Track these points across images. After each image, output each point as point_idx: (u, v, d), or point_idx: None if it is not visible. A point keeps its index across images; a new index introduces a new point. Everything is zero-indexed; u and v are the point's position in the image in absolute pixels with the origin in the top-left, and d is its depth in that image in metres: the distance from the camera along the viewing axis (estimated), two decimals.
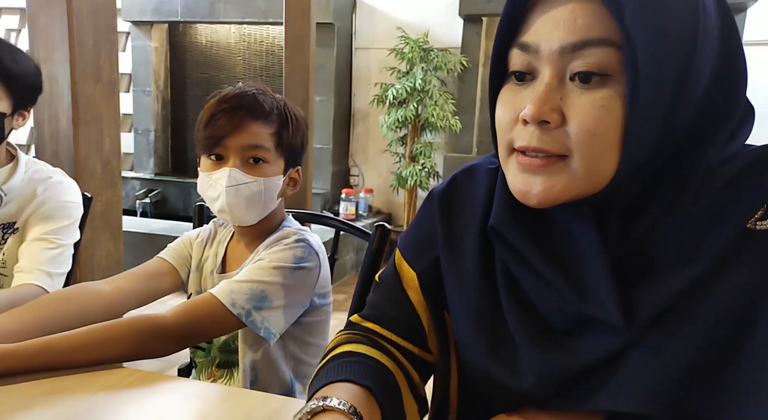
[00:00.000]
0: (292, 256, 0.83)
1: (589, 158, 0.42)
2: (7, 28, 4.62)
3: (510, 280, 0.50)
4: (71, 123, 1.57)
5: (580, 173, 0.42)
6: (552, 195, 0.44)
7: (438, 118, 3.45)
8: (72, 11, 1.53)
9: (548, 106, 0.42)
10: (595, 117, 0.41)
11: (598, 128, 0.41)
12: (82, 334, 0.69)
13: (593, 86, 0.41)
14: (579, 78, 0.41)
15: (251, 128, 0.83)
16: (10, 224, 1.01)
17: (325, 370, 0.53)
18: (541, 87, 0.42)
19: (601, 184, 0.43)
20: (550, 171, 0.43)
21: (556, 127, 0.42)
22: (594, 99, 0.41)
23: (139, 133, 4.35)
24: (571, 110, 0.41)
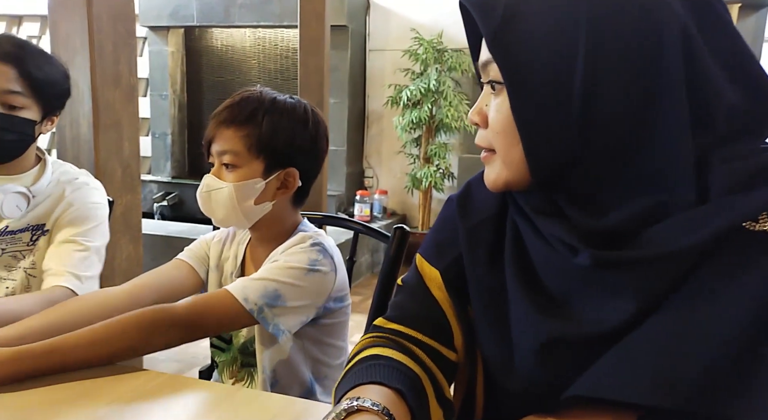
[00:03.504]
0: (307, 259, 0.83)
1: (502, 150, 0.52)
2: (29, 34, 4.72)
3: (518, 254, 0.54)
4: (92, 127, 1.60)
5: (502, 163, 0.52)
6: (490, 180, 0.54)
7: (452, 119, 3.44)
8: (92, 17, 1.55)
9: (475, 112, 0.54)
10: (494, 118, 0.52)
11: (498, 127, 0.51)
12: (90, 330, 0.69)
13: (497, 93, 0.51)
14: (491, 87, 0.52)
15: (224, 134, 0.85)
16: (40, 226, 1.03)
17: (353, 372, 0.54)
18: (480, 96, 0.54)
19: (525, 172, 0.51)
20: (488, 161, 0.54)
21: (485, 128, 0.53)
22: (495, 103, 0.52)
23: (156, 136, 4.40)
24: (489, 114, 0.52)
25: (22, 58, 0.94)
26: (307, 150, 0.89)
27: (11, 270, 1.02)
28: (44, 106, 0.99)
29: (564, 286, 0.50)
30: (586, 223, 0.48)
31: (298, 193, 0.91)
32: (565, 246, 0.48)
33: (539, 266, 0.52)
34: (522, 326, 0.52)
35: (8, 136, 0.95)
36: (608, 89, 0.46)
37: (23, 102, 0.95)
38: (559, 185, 0.50)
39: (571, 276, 0.49)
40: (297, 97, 0.90)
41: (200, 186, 0.88)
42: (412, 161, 3.79)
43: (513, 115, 0.49)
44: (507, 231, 0.56)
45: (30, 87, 0.95)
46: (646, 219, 0.46)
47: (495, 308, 0.55)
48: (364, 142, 4.19)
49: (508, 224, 0.56)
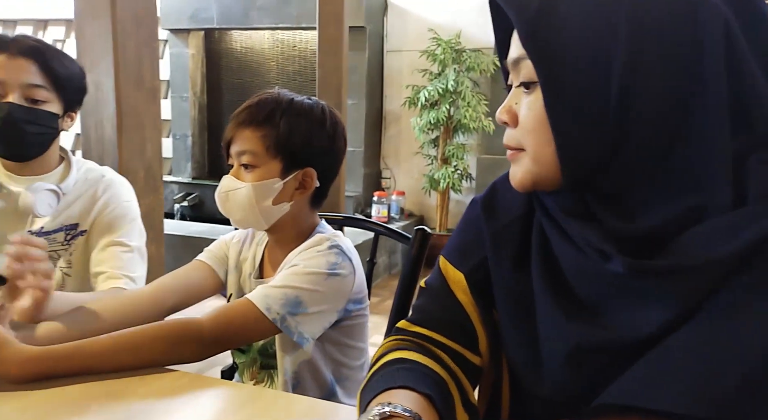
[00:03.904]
0: (326, 263, 0.83)
1: (533, 149, 0.50)
2: (54, 38, 4.83)
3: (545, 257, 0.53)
4: (115, 129, 1.63)
5: (532, 162, 0.51)
6: (517, 180, 0.53)
7: (470, 120, 3.42)
8: (116, 20, 1.58)
9: (504, 110, 0.53)
10: (525, 116, 0.50)
11: (529, 125, 0.50)
12: (115, 337, 0.70)
13: (530, 92, 0.50)
14: (523, 85, 0.51)
15: (242, 134, 0.86)
16: (74, 225, 1.05)
17: (379, 375, 0.53)
18: (509, 95, 0.53)
19: (556, 171, 0.49)
20: (514, 161, 0.53)
21: (514, 127, 0.52)
22: (527, 102, 0.50)
23: (177, 138, 4.46)
24: (519, 112, 0.51)
25: (43, 52, 0.96)
26: (325, 150, 0.89)
27: None
28: (65, 101, 1.00)
29: (594, 291, 0.49)
30: (617, 227, 0.47)
31: (316, 193, 0.91)
32: (596, 251, 0.47)
33: (567, 270, 0.51)
34: (550, 331, 0.51)
35: (33, 129, 0.96)
36: (647, 87, 0.45)
37: (46, 96, 0.96)
38: (590, 186, 0.49)
39: (603, 282, 0.48)
40: (315, 98, 0.91)
41: (219, 187, 0.88)
42: (430, 162, 3.78)
43: (546, 112, 0.48)
44: (533, 234, 0.55)
45: (52, 81, 0.97)
46: (681, 223, 0.45)
47: (521, 312, 0.54)
48: (382, 143, 4.19)
49: (535, 227, 0.55)
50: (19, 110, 0.94)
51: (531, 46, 0.47)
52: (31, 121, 0.95)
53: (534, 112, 0.49)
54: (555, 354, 0.50)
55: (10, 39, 0.95)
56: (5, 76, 0.93)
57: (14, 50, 0.94)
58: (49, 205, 0.98)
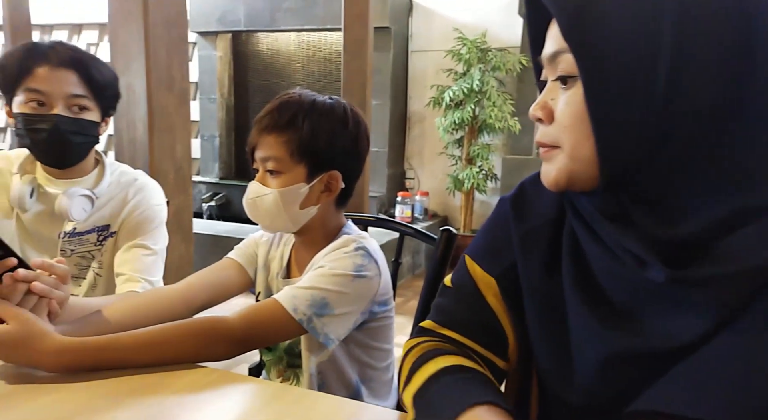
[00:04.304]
0: (352, 264, 0.83)
1: (570, 146, 0.49)
2: (88, 42, 4.97)
3: (577, 262, 0.51)
4: (147, 130, 1.67)
5: (568, 159, 0.49)
6: (551, 178, 0.51)
7: (496, 120, 3.39)
8: (148, 24, 1.62)
9: (538, 106, 0.51)
10: (563, 112, 0.49)
11: (567, 121, 0.48)
12: (148, 332, 0.71)
13: (568, 87, 0.48)
14: (560, 81, 0.49)
15: (266, 140, 0.86)
16: (105, 227, 1.08)
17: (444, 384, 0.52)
18: (544, 91, 0.51)
19: (593, 170, 0.48)
20: (548, 158, 0.51)
21: (549, 123, 0.50)
22: (564, 97, 0.49)
23: (204, 139, 4.55)
24: (555, 108, 0.50)
25: (83, 62, 0.98)
26: (349, 150, 0.89)
27: (82, 269, 1.08)
28: (103, 107, 1.03)
29: (629, 298, 0.48)
30: (656, 231, 0.45)
31: (341, 194, 0.91)
32: (633, 257, 0.46)
33: (600, 276, 0.49)
34: (583, 338, 0.50)
35: (78, 139, 1.00)
36: (694, 80, 0.43)
37: (87, 104, 0.99)
38: (628, 186, 0.47)
39: (639, 288, 0.47)
40: (336, 98, 0.90)
41: (246, 193, 0.89)
42: (454, 162, 3.76)
43: (587, 108, 0.46)
44: (564, 236, 0.54)
45: (92, 90, 1.00)
46: (726, 226, 0.43)
47: (552, 318, 0.53)
48: (406, 143, 4.19)
49: (566, 229, 0.54)
50: (66, 122, 0.97)
51: (572, 39, 0.46)
52: (77, 131, 0.99)
53: (573, 107, 0.48)
54: (587, 361, 0.49)
55: (49, 49, 0.97)
56: (49, 88, 0.95)
57: (55, 61, 0.96)
58: (83, 209, 1.01)
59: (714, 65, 0.43)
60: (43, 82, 0.95)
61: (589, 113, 0.46)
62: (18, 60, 0.96)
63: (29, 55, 0.96)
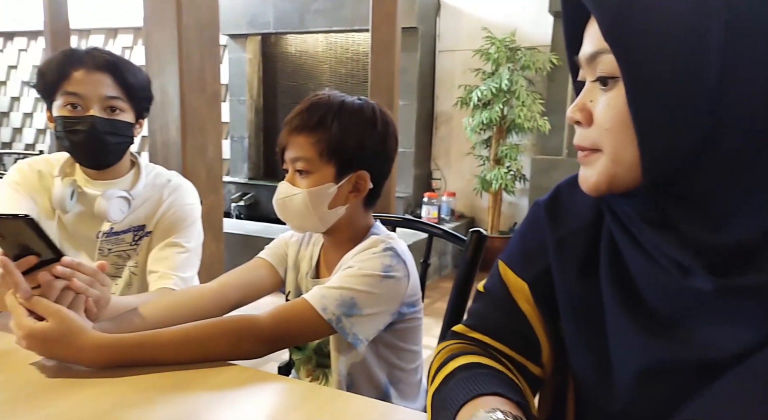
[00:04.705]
0: (381, 265, 0.83)
1: (612, 150, 0.47)
2: (123, 46, 5.13)
3: (616, 268, 0.50)
4: (180, 132, 1.71)
5: (610, 163, 0.48)
6: (591, 182, 0.49)
7: (525, 119, 3.34)
8: (182, 28, 1.65)
9: (577, 109, 0.50)
10: (604, 114, 0.47)
11: (608, 123, 0.47)
12: (182, 330, 0.72)
13: (609, 88, 0.47)
14: (600, 82, 0.48)
15: (296, 141, 0.86)
16: (141, 227, 1.11)
17: (458, 380, 0.52)
18: (581, 93, 0.50)
19: (636, 173, 0.46)
20: (587, 162, 0.50)
21: (588, 126, 0.49)
22: (605, 99, 0.47)
23: (234, 140, 4.63)
24: (594, 110, 0.48)
25: (116, 65, 1.02)
26: (377, 151, 0.89)
27: (118, 268, 1.11)
28: (136, 109, 1.07)
29: (671, 306, 0.46)
30: (700, 237, 0.44)
31: (369, 194, 0.91)
32: (676, 264, 0.44)
33: (642, 283, 0.48)
34: (622, 346, 0.48)
35: (113, 139, 1.03)
36: (745, 81, 0.41)
37: (122, 106, 1.03)
38: (671, 189, 0.46)
39: (683, 297, 0.45)
40: (365, 98, 0.90)
41: (276, 193, 0.90)
42: (482, 163, 3.72)
43: (630, 110, 0.44)
44: (602, 242, 0.52)
45: (125, 92, 1.03)
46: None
47: (588, 325, 0.52)
48: (432, 143, 4.17)
49: (604, 235, 0.52)
50: (101, 122, 1.00)
51: (614, 39, 0.44)
52: (112, 131, 1.02)
53: (614, 109, 0.46)
54: (627, 370, 0.47)
55: (85, 54, 1.01)
56: (85, 91, 0.99)
57: (91, 65, 1.00)
58: (120, 210, 1.05)
59: (766, 65, 0.41)
60: (79, 85, 0.99)
61: (632, 116, 0.44)
62: (56, 65, 1.00)
63: (67, 60, 1.00)
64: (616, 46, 0.44)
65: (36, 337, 0.66)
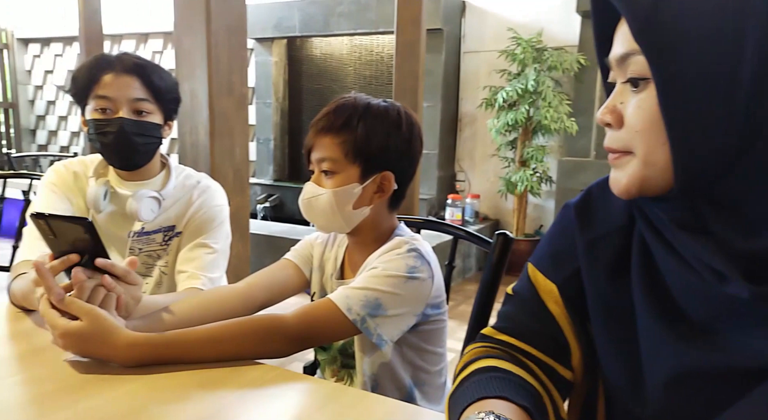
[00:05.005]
0: (405, 266, 0.83)
1: (643, 152, 0.46)
2: (154, 50, 5.26)
3: (648, 272, 0.49)
4: (208, 134, 1.74)
5: (642, 165, 0.47)
6: (622, 185, 0.49)
7: (552, 121, 3.30)
8: (211, 32, 1.69)
9: (607, 111, 0.49)
10: (634, 116, 0.46)
11: (639, 125, 0.46)
12: (211, 329, 0.74)
13: (640, 90, 0.46)
14: (630, 83, 0.47)
15: (322, 142, 0.87)
16: (171, 227, 1.13)
17: (471, 382, 0.52)
18: (612, 94, 0.50)
19: (668, 177, 0.45)
20: (618, 165, 0.49)
21: (619, 128, 0.48)
22: (636, 100, 0.47)
23: (260, 142, 4.69)
24: (626, 112, 0.48)
25: (144, 68, 1.05)
26: (402, 152, 0.90)
27: (148, 268, 1.14)
28: (164, 111, 1.09)
29: (707, 312, 0.45)
30: (736, 242, 0.42)
31: (394, 196, 0.91)
32: (711, 271, 0.43)
33: (675, 289, 0.47)
34: (654, 352, 0.47)
35: (141, 140, 1.05)
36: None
37: (149, 108, 1.05)
38: (706, 193, 0.45)
39: (717, 303, 0.44)
40: (390, 101, 0.91)
41: (302, 193, 0.91)
42: (507, 165, 3.69)
43: (661, 111, 0.44)
44: (633, 246, 0.51)
45: (153, 94, 1.06)
46: None
47: (619, 329, 0.51)
48: (456, 145, 4.15)
49: (636, 239, 0.51)
50: (130, 124, 1.03)
51: (644, 40, 0.44)
52: (140, 132, 1.05)
53: (645, 111, 0.45)
54: (660, 376, 0.46)
55: (114, 58, 1.05)
56: (114, 93, 1.02)
57: (120, 69, 1.03)
58: (151, 210, 1.07)
59: None
60: (108, 88, 1.02)
61: (664, 117, 0.44)
62: (87, 70, 1.04)
63: (97, 65, 1.04)
64: (647, 47, 0.44)
65: (71, 336, 0.68)
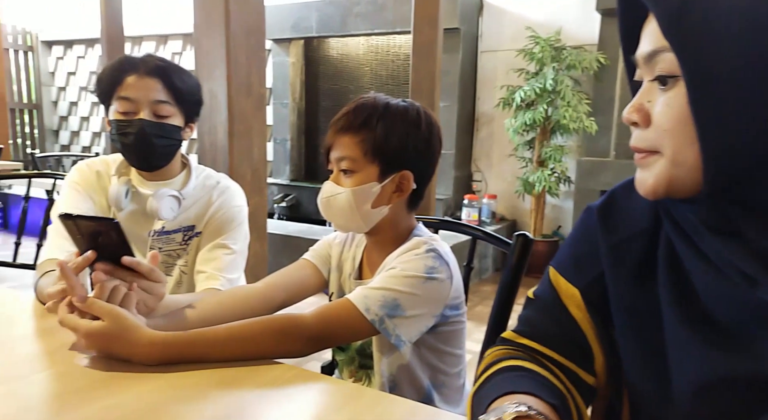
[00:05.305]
0: (424, 266, 0.83)
1: (672, 151, 0.45)
2: (173, 51, 5.33)
3: (675, 276, 0.48)
4: (227, 134, 1.75)
5: (670, 165, 0.46)
6: (648, 186, 0.47)
7: (570, 120, 3.26)
8: (230, 33, 1.70)
9: (633, 109, 0.48)
10: (663, 114, 0.46)
11: (667, 124, 0.45)
12: (231, 328, 0.74)
13: (668, 88, 0.45)
14: (658, 81, 0.46)
15: (341, 141, 0.88)
16: (191, 227, 1.15)
17: (497, 380, 0.52)
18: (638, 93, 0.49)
19: (697, 177, 0.44)
20: (645, 164, 0.48)
21: (646, 127, 0.47)
22: (664, 99, 0.46)
23: (277, 142, 4.73)
24: (653, 111, 0.47)
25: (166, 70, 1.06)
26: (421, 152, 0.89)
27: (168, 267, 1.15)
28: (186, 113, 1.10)
29: (738, 318, 0.44)
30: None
31: (412, 196, 0.91)
32: (742, 275, 0.42)
33: (704, 293, 0.46)
34: (683, 358, 0.46)
35: (161, 142, 1.07)
36: None
37: (170, 110, 1.06)
38: (737, 195, 0.43)
39: (749, 309, 0.43)
40: (410, 100, 0.91)
41: (320, 192, 0.91)
42: (524, 165, 3.65)
43: (691, 110, 0.43)
44: (660, 250, 0.50)
45: (174, 96, 1.06)
46: None
47: (645, 334, 0.50)
48: (473, 145, 4.13)
49: (662, 242, 0.50)
50: (150, 125, 1.04)
51: (674, 37, 0.43)
52: (160, 134, 1.06)
53: (674, 109, 0.45)
54: (688, 382, 0.45)
55: (138, 60, 1.06)
56: (136, 95, 1.03)
57: (143, 70, 1.04)
58: (171, 209, 1.08)
59: None
60: (131, 89, 1.03)
61: (694, 116, 0.43)
62: (111, 71, 1.05)
63: (121, 66, 1.05)
64: (677, 43, 0.43)
65: (93, 336, 0.69)
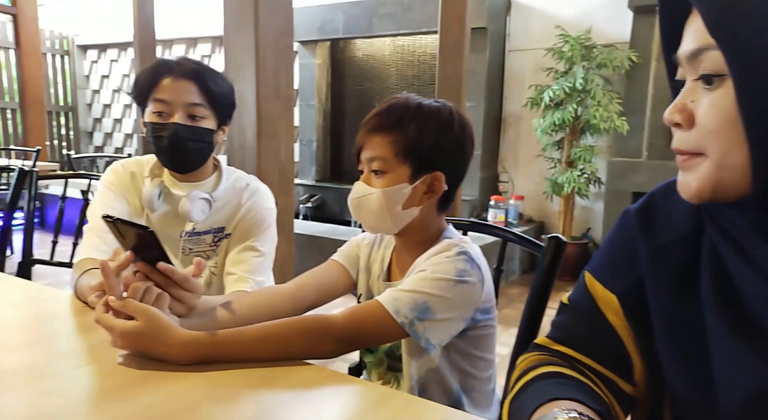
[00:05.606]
0: (454, 269, 0.82)
1: (718, 153, 0.44)
2: (202, 54, 5.43)
3: (720, 283, 0.46)
4: (255, 136, 1.77)
5: (715, 168, 0.44)
6: (692, 189, 0.46)
7: (601, 120, 3.19)
8: (259, 35, 1.72)
9: (676, 110, 0.47)
10: (708, 115, 0.44)
11: (714, 125, 0.44)
12: (263, 328, 0.74)
13: (714, 87, 0.44)
14: (703, 81, 0.45)
15: (372, 141, 0.87)
16: (221, 229, 1.16)
17: (537, 386, 0.50)
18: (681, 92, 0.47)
19: (745, 180, 0.43)
20: (688, 167, 0.46)
21: (689, 128, 0.46)
22: (709, 98, 0.44)
23: (303, 143, 4.77)
24: (697, 111, 0.45)
25: (201, 73, 1.07)
26: (453, 153, 0.88)
27: None
28: (219, 116, 1.11)
29: None
30: None
31: (443, 198, 0.90)
32: None
33: (752, 301, 0.44)
34: (730, 368, 0.44)
35: (195, 145, 1.08)
36: None
37: (204, 113, 1.08)
38: None
39: None
40: (442, 100, 0.90)
41: (351, 193, 0.91)
42: (553, 165, 3.59)
43: (739, 110, 0.42)
44: (703, 255, 0.48)
45: (208, 99, 1.08)
46: None
47: (688, 342, 0.48)
48: (500, 145, 4.08)
49: (705, 247, 0.48)
50: (184, 129, 1.06)
51: (721, 34, 0.41)
52: (193, 138, 1.07)
53: (720, 109, 0.43)
54: (736, 394, 0.43)
55: (174, 63, 1.07)
56: (171, 97, 1.05)
57: (178, 73, 1.05)
58: (202, 211, 1.10)
59: None
60: (166, 91, 1.05)
61: (742, 116, 0.41)
62: (148, 74, 1.07)
63: (157, 69, 1.07)
64: (724, 41, 0.41)
65: (128, 335, 0.70)
